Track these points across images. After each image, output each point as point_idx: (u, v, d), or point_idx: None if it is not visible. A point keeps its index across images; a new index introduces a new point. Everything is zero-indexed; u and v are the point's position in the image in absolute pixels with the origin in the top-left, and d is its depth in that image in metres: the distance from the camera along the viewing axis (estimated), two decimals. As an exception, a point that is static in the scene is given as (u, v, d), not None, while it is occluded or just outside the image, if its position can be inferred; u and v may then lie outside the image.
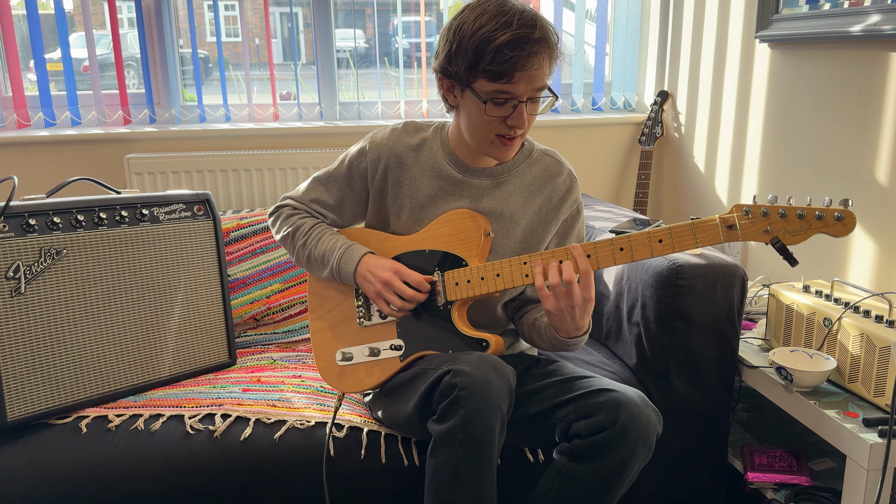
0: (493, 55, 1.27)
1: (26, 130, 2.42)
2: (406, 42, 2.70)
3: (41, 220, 1.54)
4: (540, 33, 1.28)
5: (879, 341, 1.43)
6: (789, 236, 1.22)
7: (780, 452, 1.69)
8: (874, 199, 1.81)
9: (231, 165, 2.38)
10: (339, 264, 1.48)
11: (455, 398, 1.24)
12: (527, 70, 1.28)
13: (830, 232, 1.20)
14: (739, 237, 1.25)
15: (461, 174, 1.48)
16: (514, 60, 1.27)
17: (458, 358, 1.31)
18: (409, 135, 1.51)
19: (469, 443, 1.23)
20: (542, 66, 1.31)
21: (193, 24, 2.48)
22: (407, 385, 1.41)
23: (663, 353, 1.65)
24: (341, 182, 1.54)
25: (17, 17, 2.42)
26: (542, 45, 1.28)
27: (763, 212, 1.23)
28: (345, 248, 1.49)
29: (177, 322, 1.73)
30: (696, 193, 2.58)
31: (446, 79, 1.38)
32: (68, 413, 1.54)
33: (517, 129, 1.35)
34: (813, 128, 2.01)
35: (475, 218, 1.44)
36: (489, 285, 1.40)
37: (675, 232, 1.28)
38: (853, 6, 1.82)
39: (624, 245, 1.31)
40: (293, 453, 1.44)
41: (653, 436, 1.29)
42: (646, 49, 2.78)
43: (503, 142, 1.38)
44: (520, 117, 1.33)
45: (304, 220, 1.56)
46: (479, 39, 1.28)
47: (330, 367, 1.55)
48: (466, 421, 1.23)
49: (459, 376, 1.25)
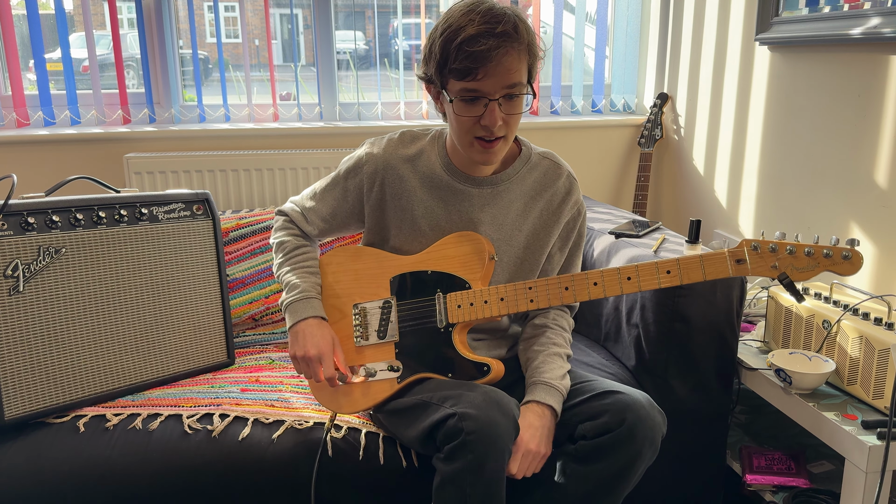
0: (456, 52, 1.24)
1: (26, 129, 2.42)
2: (406, 44, 2.70)
3: (40, 219, 1.54)
4: (504, 27, 1.24)
5: (878, 344, 1.43)
6: (797, 273, 1.23)
7: (779, 455, 1.69)
8: (873, 202, 1.81)
9: (230, 165, 2.38)
10: (290, 304, 1.47)
11: (462, 442, 1.22)
12: (490, 65, 1.24)
13: (838, 270, 1.21)
14: (749, 272, 1.26)
15: (460, 184, 1.45)
16: (476, 56, 1.23)
17: (462, 396, 1.27)
18: (405, 145, 1.48)
19: (478, 484, 1.22)
20: (509, 62, 1.25)
21: (194, 25, 2.48)
22: (408, 413, 1.38)
23: (662, 355, 1.64)
24: (337, 192, 1.52)
25: (18, 16, 2.42)
26: (505, 39, 1.24)
27: (771, 248, 1.23)
28: (300, 297, 1.46)
29: (175, 321, 1.72)
30: (696, 196, 2.58)
31: (427, 84, 1.37)
32: (66, 412, 1.54)
33: (491, 128, 1.30)
34: (812, 130, 2.01)
35: (479, 241, 1.42)
36: (492, 309, 1.39)
37: (683, 264, 1.29)
38: (853, 9, 1.82)
39: (632, 275, 1.31)
40: (291, 453, 1.44)
41: (658, 437, 1.29)
42: (645, 51, 2.78)
43: (482, 145, 1.34)
44: (491, 116, 1.28)
45: (290, 237, 1.55)
46: (444, 40, 1.26)
47: (323, 386, 1.51)
48: (475, 465, 1.21)
49: (466, 420, 1.22)
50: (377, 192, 1.47)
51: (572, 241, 1.52)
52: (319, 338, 1.42)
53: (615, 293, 1.32)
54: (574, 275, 1.34)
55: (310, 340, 1.42)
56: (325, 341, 1.42)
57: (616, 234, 1.93)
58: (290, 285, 1.49)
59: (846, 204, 1.90)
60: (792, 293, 1.25)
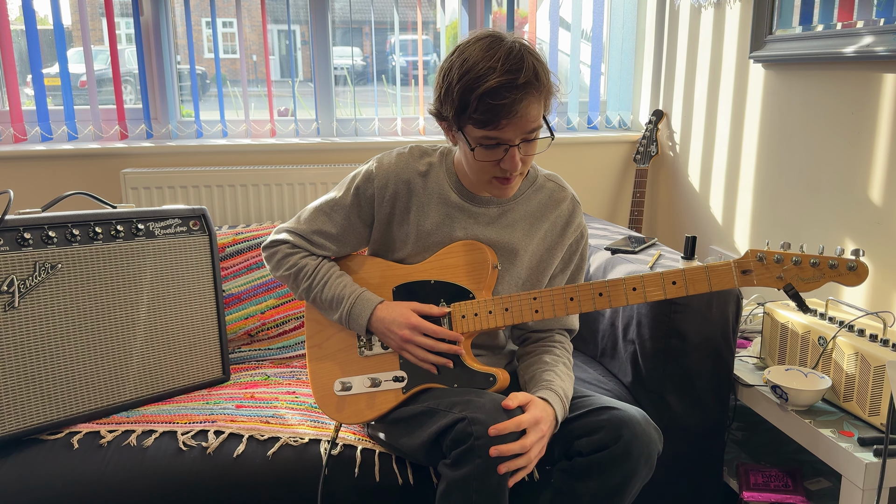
0: (476, 103, 1.23)
1: (23, 144, 2.42)
2: (403, 60, 2.71)
3: (36, 234, 1.53)
4: (525, 77, 1.23)
5: (874, 360, 1.43)
6: (802, 283, 1.23)
7: (776, 472, 1.69)
8: (868, 219, 1.82)
9: (227, 181, 2.39)
10: (349, 316, 1.44)
11: (470, 447, 1.22)
12: (513, 117, 1.24)
13: (843, 281, 1.21)
14: (754, 282, 1.26)
15: (467, 202, 1.45)
16: (499, 109, 1.23)
17: (470, 402, 1.28)
18: (416, 160, 1.47)
19: (485, 490, 1.22)
20: (530, 111, 1.26)
21: (191, 41, 2.50)
22: (413, 421, 1.38)
23: (658, 371, 1.64)
24: (347, 210, 1.48)
25: (16, 31, 2.43)
26: (527, 90, 1.24)
27: (777, 258, 1.24)
28: (355, 297, 1.44)
29: (171, 337, 1.72)
30: (691, 212, 2.59)
31: (440, 121, 1.37)
32: (60, 428, 1.53)
33: (511, 172, 1.32)
34: (806, 148, 2.02)
35: (483, 250, 1.42)
36: (497, 319, 1.39)
37: (689, 274, 1.28)
38: (846, 28, 1.84)
39: (637, 286, 1.31)
40: (286, 470, 1.43)
41: (654, 454, 1.29)
42: (641, 68, 2.80)
43: (501, 182, 1.36)
44: (511, 161, 1.30)
45: (304, 259, 1.50)
46: (463, 87, 1.24)
47: (328, 397, 1.51)
48: (483, 471, 1.22)
49: (475, 425, 1.23)
50: (388, 203, 1.46)
51: (574, 263, 1.52)
52: (398, 315, 1.41)
53: (620, 304, 1.32)
54: (579, 285, 1.34)
55: (392, 328, 1.41)
56: (405, 317, 1.41)
57: (612, 249, 1.93)
58: (335, 297, 1.45)
59: (841, 220, 1.91)
60: (797, 303, 1.25)
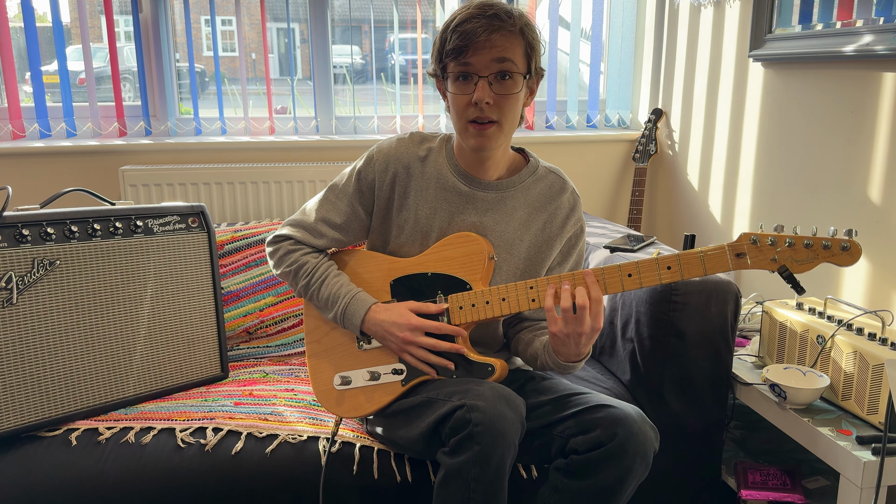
0: (450, 35, 1.34)
1: (21, 141, 2.42)
2: (402, 58, 2.71)
3: (34, 231, 1.53)
4: (494, 11, 1.33)
5: (872, 359, 1.44)
6: (796, 265, 1.23)
7: (774, 470, 1.69)
8: (866, 218, 1.82)
9: (226, 178, 2.38)
10: (343, 315, 1.45)
11: (469, 434, 1.22)
12: (479, 41, 1.31)
13: (836, 261, 1.21)
14: (748, 265, 1.26)
15: (467, 186, 1.46)
16: (466, 34, 1.32)
17: (469, 390, 1.29)
18: (415, 145, 1.49)
19: (483, 478, 1.22)
20: (498, 40, 1.32)
21: (190, 38, 2.49)
22: (412, 412, 1.39)
23: (657, 370, 1.64)
24: (350, 197, 1.50)
25: (15, 28, 2.43)
26: (494, 20, 1.32)
27: (770, 241, 1.24)
28: (350, 297, 1.45)
29: (169, 334, 1.72)
30: (690, 210, 2.59)
31: (433, 77, 1.44)
32: (58, 425, 1.53)
33: (480, 104, 1.34)
34: (806, 147, 2.02)
35: (479, 241, 1.43)
36: (494, 310, 1.39)
37: (683, 259, 1.28)
38: (845, 27, 1.84)
39: (632, 271, 1.31)
40: (285, 468, 1.43)
41: (650, 453, 1.29)
42: (640, 67, 2.80)
43: (476, 127, 1.37)
44: (479, 91, 1.33)
45: (305, 257, 1.51)
46: (443, 29, 1.37)
47: (328, 392, 1.52)
48: (481, 457, 1.21)
49: (474, 412, 1.23)
50: (388, 187, 1.48)
51: (573, 258, 1.53)
52: (397, 316, 1.41)
53: (616, 290, 1.32)
54: (575, 273, 1.34)
55: (392, 330, 1.41)
56: (404, 317, 1.41)
57: (611, 248, 1.93)
58: (331, 295, 1.47)
59: (839, 219, 1.91)
60: (792, 286, 1.25)
